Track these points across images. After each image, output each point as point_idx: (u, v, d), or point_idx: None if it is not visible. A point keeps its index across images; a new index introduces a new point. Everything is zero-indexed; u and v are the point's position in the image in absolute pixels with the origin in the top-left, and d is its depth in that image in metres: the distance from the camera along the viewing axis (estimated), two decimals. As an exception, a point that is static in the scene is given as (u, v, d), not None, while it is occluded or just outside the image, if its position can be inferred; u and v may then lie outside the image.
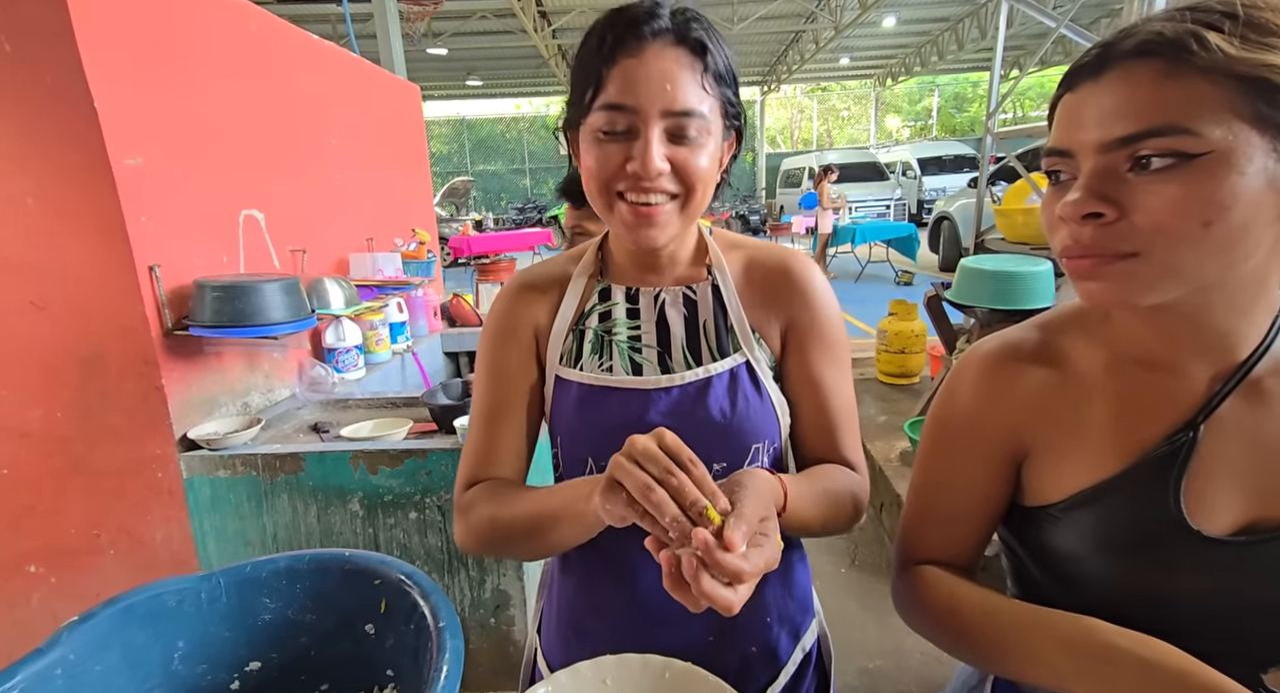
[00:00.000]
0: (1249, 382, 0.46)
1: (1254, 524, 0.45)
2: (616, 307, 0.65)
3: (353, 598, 0.43)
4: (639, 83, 0.52)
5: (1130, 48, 0.40)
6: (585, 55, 0.55)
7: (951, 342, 2.65)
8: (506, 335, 0.65)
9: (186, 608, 0.43)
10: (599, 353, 0.64)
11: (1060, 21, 2.97)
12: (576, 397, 0.62)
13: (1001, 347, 0.53)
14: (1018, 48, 12.93)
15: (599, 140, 0.55)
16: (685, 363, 0.62)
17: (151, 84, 1.39)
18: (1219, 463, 0.46)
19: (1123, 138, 0.40)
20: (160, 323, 1.39)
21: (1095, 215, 0.41)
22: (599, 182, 0.56)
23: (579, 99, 0.56)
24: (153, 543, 1.46)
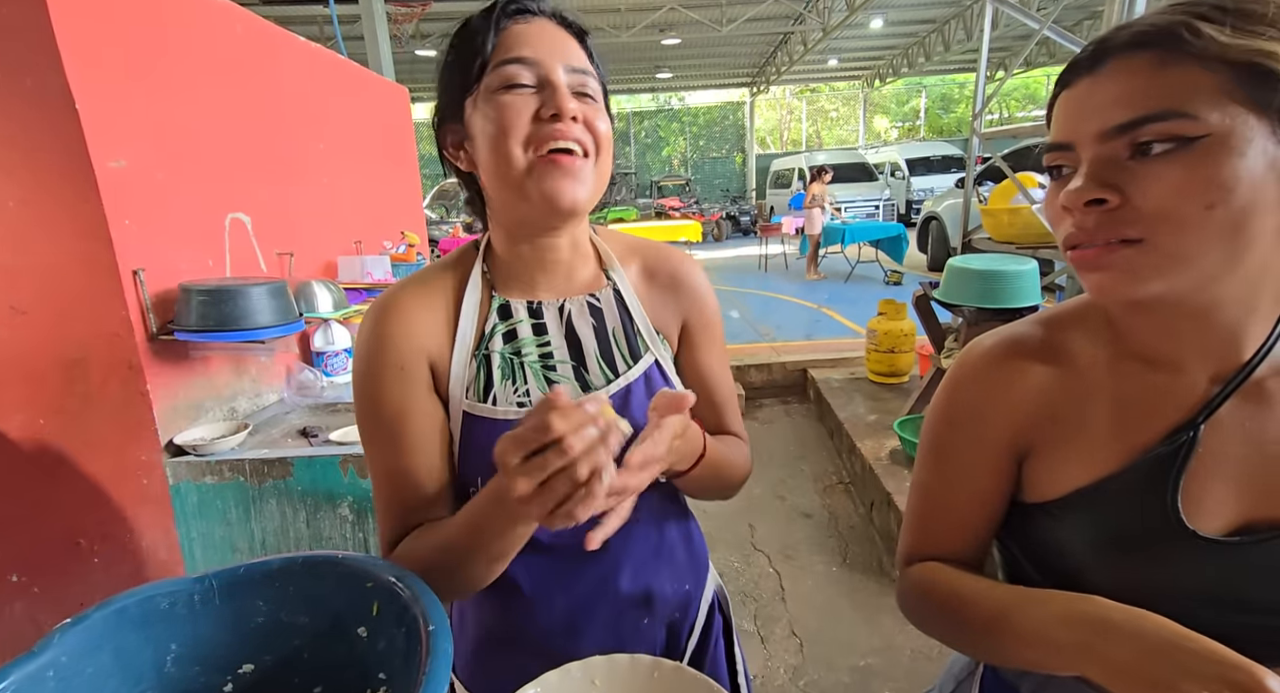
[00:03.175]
0: (1251, 382, 0.46)
1: (1250, 525, 0.45)
2: (520, 323, 0.59)
3: (345, 600, 0.43)
4: (536, 40, 0.52)
5: (1125, 40, 0.41)
6: (465, 39, 0.53)
7: (940, 341, 2.68)
8: (395, 369, 0.56)
9: (179, 610, 0.42)
10: (511, 379, 0.58)
11: (1043, 23, 3.01)
12: (492, 433, 0.55)
13: (1004, 343, 0.52)
14: (1002, 49, 13.09)
15: (503, 94, 0.51)
16: (602, 374, 0.61)
17: (135, 86, 1.38)
18: (1217, 464, 0.46)
19: (1122, 124, 0.41)
20: (145, 327, 1.38)
21: (1098, 202, 0.42)
22: (512, 135, 0.50)
23: (464, 73, 0.53)
24: (138, 551, 1.45)
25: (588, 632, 0.61)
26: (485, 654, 0.64)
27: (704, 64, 14.33)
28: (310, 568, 0.44)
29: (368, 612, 0.43)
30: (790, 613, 1.97)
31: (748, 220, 13.17)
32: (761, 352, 4.28)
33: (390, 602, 0.42)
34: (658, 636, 0.66)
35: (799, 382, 3.85)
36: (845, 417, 2.98)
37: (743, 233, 12.92)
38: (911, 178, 12.49)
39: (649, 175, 17.26)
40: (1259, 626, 0.45)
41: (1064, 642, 0.42)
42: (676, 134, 19.06)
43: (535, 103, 0.51)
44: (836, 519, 2.49)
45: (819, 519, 2.50)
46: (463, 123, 0.55)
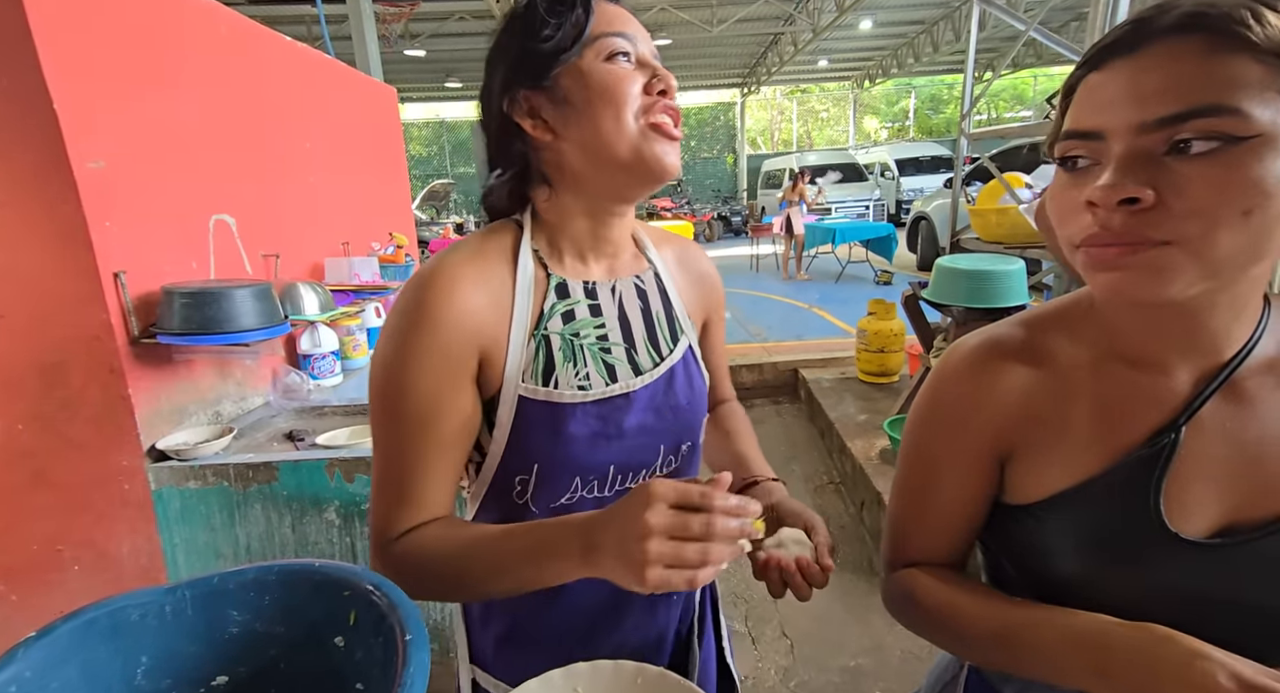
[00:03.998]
0: (1231, 383, 0.45)
1: (1230, 526, 0.45)
2: (578, 304, 0.58)
3: (322, 610, 0.43)
4: (629, 21, 0.56)
5: (1173, 22, 0.37)
6: (557, 4, 0.53)
7: (929, 340, 2.69)
8: (440, 355, 0.52)
9: (150, 622, 0.41)
10: (571, 361, 0.57)
11: (1029, 24, 3.03)
12: (553, 417, 0.55)
13: (985, 344, 0.51)
14: (990, 50, 13.20)
15: (612, 63, 0.53)
16: (649, 357, 0.61)
17: (115, 85, 1.36)
18: (1198, 465, 0.45)
19: (1165, 117, 0.37)
20: (126, 331, 1.36)
21: (1130, 201, 0.38)
22: (628, 103, 0.53)
23: (559, 37, 0.53)
24: (119, 557, 1.42)
25: (604, 631, 0.63)
26: (507, 646, 0.64)
27: (695, 64, 14.36)
28: (286, 577, 0.43)
29: (345, 621, 0.42)
30: (781, 614, 1.97)
31: (739, 221, 13.20)
32: (753, 352, 4.28)
33: (367, 611, 0.41)
34: (667, 636, 0.67)
35: (790, 382, 3.86)
36: (836, 417, 2.99)
37: (734, 233, 12.94)
38: (901, 178, 12.57)
39: (640, 176, 17.26)
40: (1245, 626, 0.45)
41: (1072, 664, 0.43)
42: (668, 134, 19.07)
43: (640, 76, 0.54)
44: (827, 519, 2.46)
45: (810, 519, 2.50)
46: (546, 89, 0.54)
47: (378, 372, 0.54)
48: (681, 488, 0.42)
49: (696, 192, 17.06)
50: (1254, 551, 0.44)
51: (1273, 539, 0.43)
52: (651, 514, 0.41)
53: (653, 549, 0.40)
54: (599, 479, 0.58)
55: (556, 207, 0.58)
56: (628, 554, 0.41)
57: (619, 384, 0.58)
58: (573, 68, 0.53)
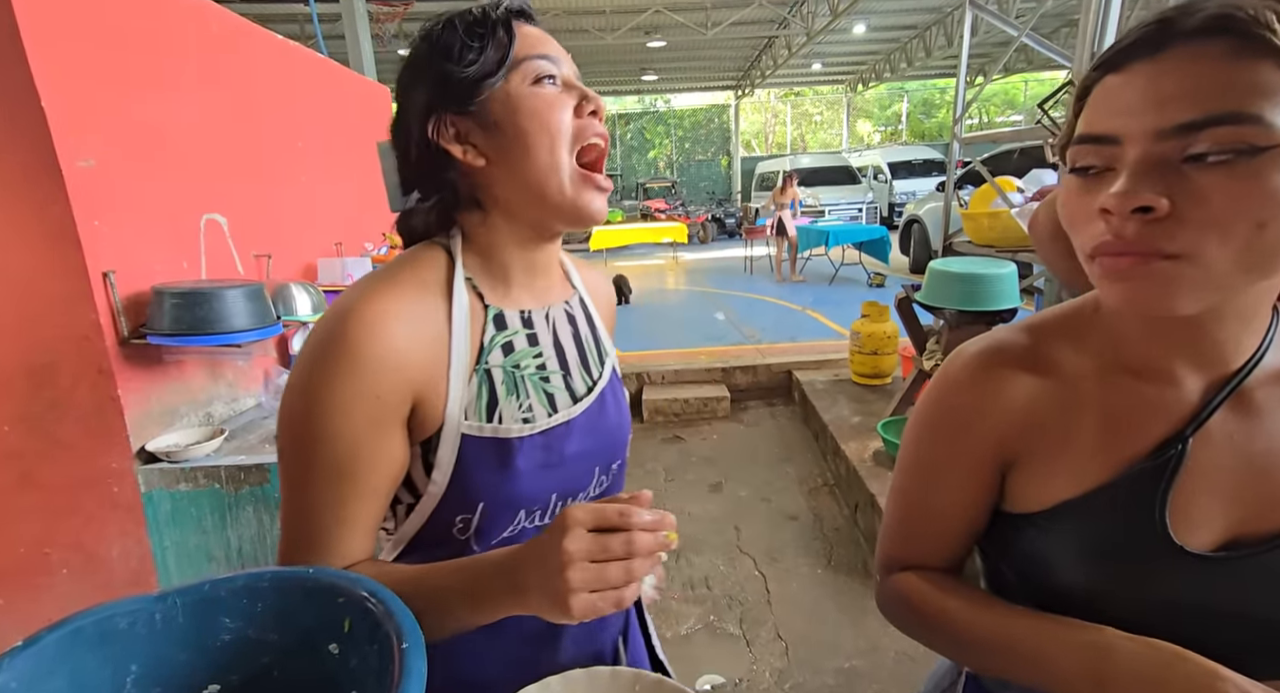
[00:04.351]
0: (1239, 394, 0.44)
1: (1236, 539, 0.44)
2: (516, 335, 0.56)
3: (316, 616, 0.42)
4: (550, 43, 0.54)
5: (1198, 23, 0.36)
6: (478, 26, 0.51)
7: (922, 343, 2.71)
8: (370, 399, 0.47)
9: (140, 630, 0.41)
10: (515, 394, 0.54)
11: (1021, 30, 3.06)
12: (500, 453, 0.53)
13: (988, 351, 0.50)
14: (982, 55, 13.31)
15: (540, 87, 0.51)
16: (584, 381, 0.61)
17: (105, 83, 1.34)
18: (1205, 477, 0.44)
19: (1184, 124, 0.35)
20: (116, 331, 1.34)
21: (1144, 209, 0.37)
22: (560, 133, 0.51)
23: (483, 60, 0.51)
24: (108, 561, 1.41)
25: (548, 655, 0.60)
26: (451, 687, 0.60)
27: (689, 67, 14.39)
28: (279, 583, 0.43)
29: (339, 628, 0.41)
30: (775, 616, 1.97)
31: (733, 223, 13.23)
32: (747, 353, 4.29)
33: (363, 618, 0.40)
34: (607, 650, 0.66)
35: (784, 383, 3.87)
36: (830, 418, 3.00)
37: (728, 235, 12.97)
38: (894, 181, 12.64)
39: (635, 177, 17.27)
40: (1251, 640, 0.44)
41: (1072, 673, 0.42)
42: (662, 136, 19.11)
43: (569, 99, 0.53)
44: (822, 521, 2.50)
45: (804, 521, 2.51)
46: (473, 114, 0.51)
47: (292, 411, 0.49)
48: (598, 510, 0.42)
49: (690, 193, 17.10)
50: (1260, 564, 0.43)
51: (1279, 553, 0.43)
52: (569, 541, 0.40)
53: (574, 578, 0.40)
54: (541, 509, 0.57)
55: (489, 231, 0.56)
56: (551, 587, 0.40)
57: (560, 413, 0.57)
58: (500, 92, 0.51)
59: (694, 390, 3.69)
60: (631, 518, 0.41)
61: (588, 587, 0.40)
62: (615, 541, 0.41)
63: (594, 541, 0.41)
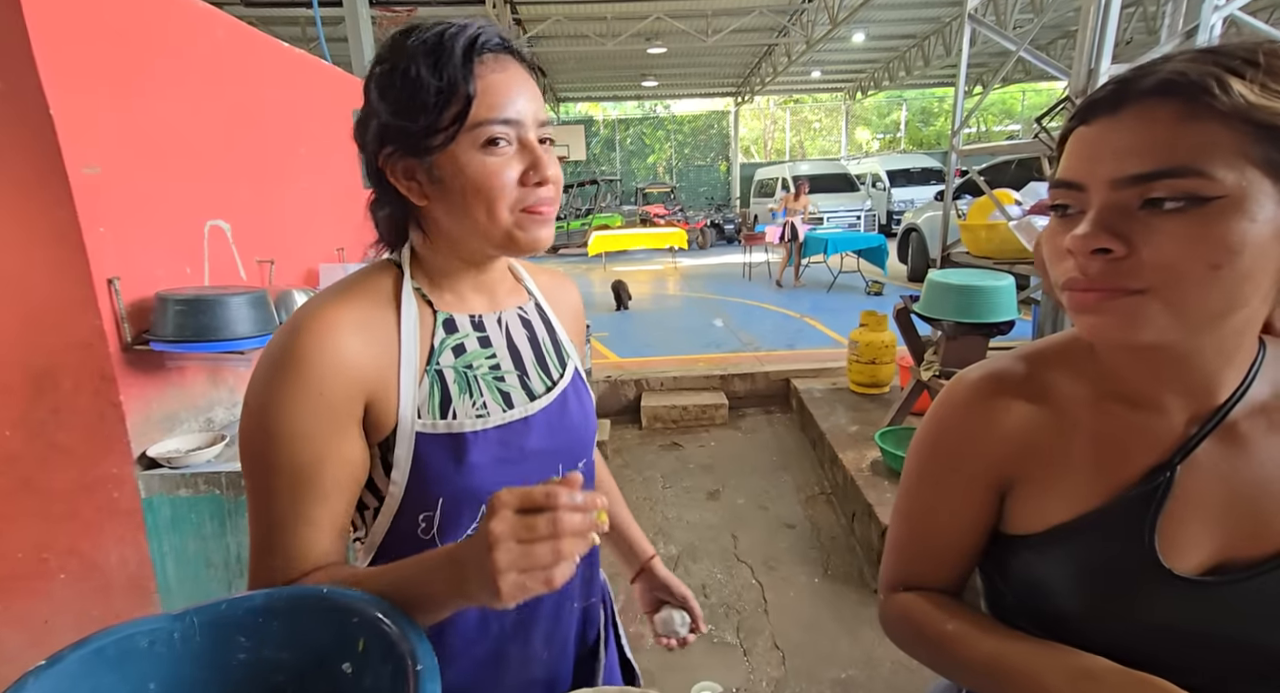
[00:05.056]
0: (1225, 424, 0.47)
1: (1223, 564, 0.46)
2: (467, 337, 0.59)
3: (330, 636, 0.43)
4: (515, 93, 0.52)
5: (1150, 86, 0.40)
6: (436, 71, 0.50)
7: (920, 353, 2.72)
8: (319, 405, 0.50)
9: (159, 649, 0.41)
10: (468, 392, 0.57)
11: (1020, 44, 3.09)
12: (455, 448, 0.55)
13: (988, 379, 0.53)
14: (980, 65, 13.40)
15: (488, 153, 0.51)
16: (542, 381, 0.63)
17: (112, 91, 1.35)
18: (1192, 504, 0.46)
19: (1137, 176, 0.40)
20: (119, 337, 1.34)
21: (1103, 250, 0.41)
22: (501, 198, 0.52)
23: (437, 114, 0.50)
24: (107, 566, 1.40)
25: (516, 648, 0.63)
26: None
27: (689, 73, 14.45)
28: (294, 603, 0.43)
29: (353, 648, 0.42)
30: (772, 625, 1.98)
31: (732, 229, 13.27)
32: (745, 361, 4.30)
33: (377, 639, 0.41)
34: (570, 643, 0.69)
35: (782, 391, 3.88)
36: (827, 427, 3.01)
37: (726, 241, 13.00)
38: (892, 189, 12.70)
39: (634, 182, 17.32)
40: (1243, 664, 0.46)
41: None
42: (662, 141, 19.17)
43: (518, 163, 0.53)
44: (819, 530, 2.50)
45: (801, 530, 2.51)
46: (422, 158, 0.52)
47: (249, 421, 0.52)
48: (523, 492, 0.42)
49: (689, 199, 17.13)
50: (1247, 589, 0.45)
51: (1265, 578, 0.45)
52: (496, 523, 0.40)
53: (501, 558, 0.40)
54: None
55: (433, 251, 0.58)
56: (481, 570, 0.41)
57: (516, 410, 0.60)
58: (449, 154, 0.51)
59: (692, 397, 3.70)
60: (557, 498, 0.41)
61: (515, 567, 0.40)
62: (541, 520, 0.41)
63: (519, 521, 0.41)
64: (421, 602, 0.46)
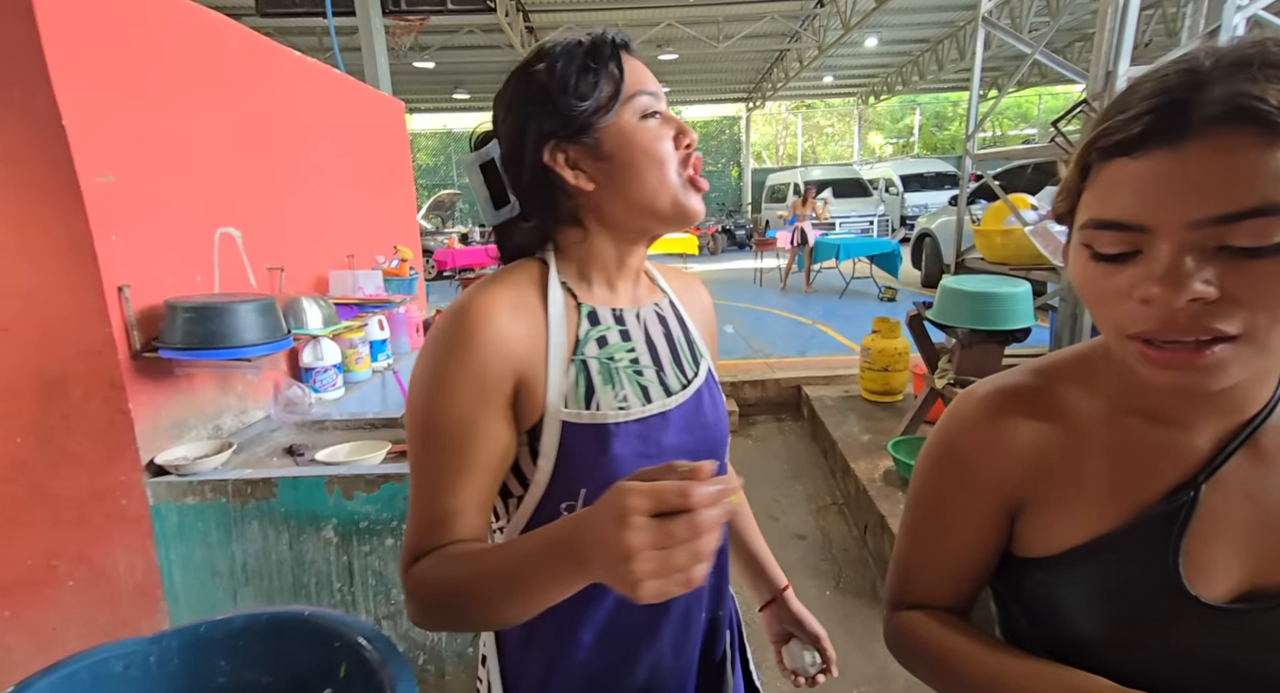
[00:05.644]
0: (1252, 442, 0.44)
1: (1253, 591, 0.43)
2: (609, 331, 0.61)
3: (311, 661, 0.41)
4: (648, 75, 0.60)
5: (1219, 114, 0.36)
6: (593, 63, 0.57)
7: (934, 360, 2.67)
8: (475, 379, 0.53)
9: (134, 673, 0.40)
10: (610, 384, 0.59)
11: (1035, 48, 3.05)
12: (599, 439, 0.57)
13: (998, 395, 0.51)
14: (995, 69, 13.29)
15: (648, 121, 0.58)
16: (677, 378, 0.64)
17: (125, 100, 1.37)
18: (1219, 525, 0.44)
19: (1223, 216, 0.36)
20: (128, 345, 1.35)
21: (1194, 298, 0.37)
22: (669, 159, 0.58)
23: (598, 96, 0.56)
24: (114, 573, 1.41)
25: (645, 650, 0.63)
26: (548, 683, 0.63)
27: (701, 79, 14.48)
28: (275, 626, 0.42)
29: (334, 673, 0.41)
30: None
31: (743, 234, 13.24)
32: (756, 367, 4.27)
33: (359, 664, 0.40)
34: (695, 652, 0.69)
35: (793, 399, 3.84)
36: (839, 436, 2.96)
37: (738, 246, 12.97)
38: (905, 193, 12.60)
39: (646, 188, 17.38)
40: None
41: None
42: (673, 147, 19.23)
43: (669, 131, 0.59)
44: (830, 541, 2.46)
45: (813, 541, 2.47)
46: (587, 142, 0.57)
47: (414, 395, 0.55)
48: (656, 493, 0.39)
49: (701, 204, 17.11)
50: (1276, 618, 0.42)
51: None
52: (631, 535, 0.38)
53: (639, 569, 0.38)
54: None
55: (587, 245, 0.61)
56: (616, 575, 0.39)
57: (654, 404, 0.61)
58: (613, 127, 0.57)
59: (702, 404, 3.67)
60: (693, 497, 0.38)
61: (655, 577, 0.38)
62: (679, 526, 0.38)
63: (657, 529, 0.38)
64: (553, 579, 0.45)
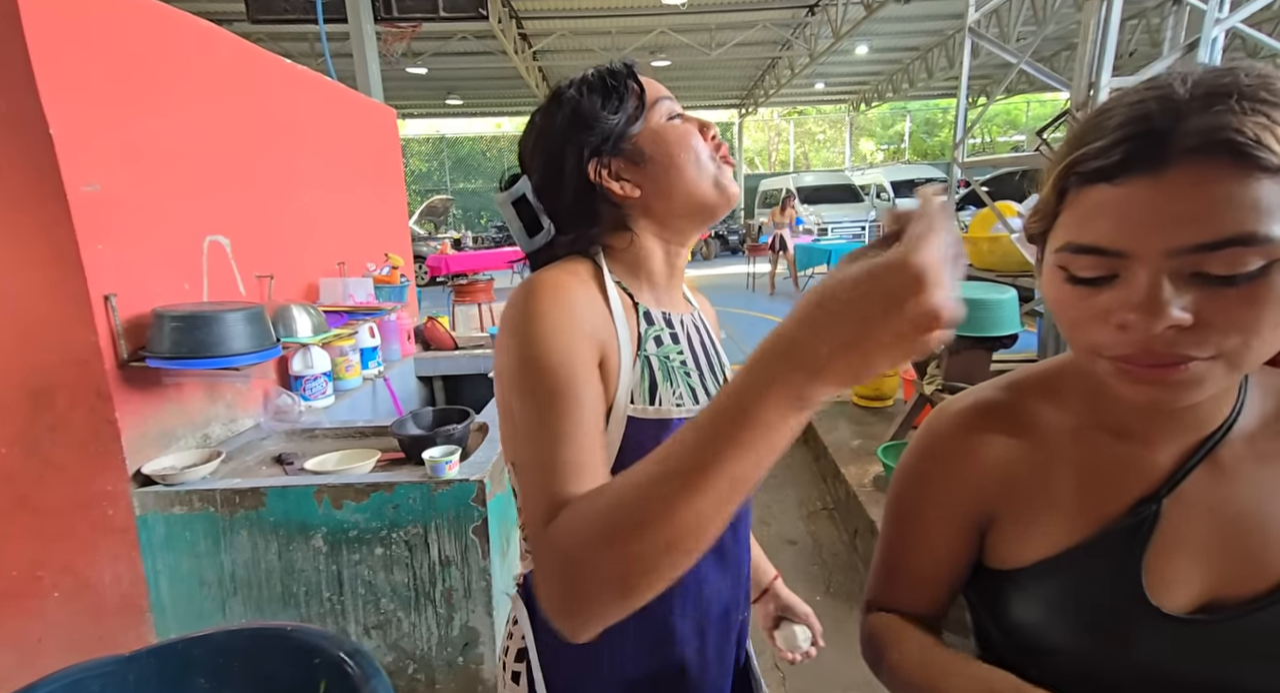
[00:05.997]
0: (1212, 457, 0.46)
1: (1212, 603, 0.44)
2: (662, 332, 0.64)
3: (292, 677, 0.41)
4: (660, 85, 0.66)
5: (1197, 145, 0.36)
6: (617, 86, 0.63)
7: (923, 367, 2.70)
8: (584, 335, 0.53)
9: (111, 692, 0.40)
10: (669, 381, 0.61)
11: (1020, 57, 3.09)
12: (661, 434, 0.57)
13: (970, 411, 0.52)
14: (984, 77, 13.43)
15: (676, 121, 0.64)
16: (715, 384, 0.68)
17: (113, 108, 1.36)
18: (1181, 539, 0.45)
19: (1201, 245, 0.37)
20: (115, 354, 1.35)
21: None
22: (703, 151, 0.63)
23: (629, 111, 0.62)
24: (100, 584, 1.40)
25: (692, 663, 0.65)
26: None
27: (694, 86, 14.56)
28: (256, 641, 0.42)
29: (315, 690, 0.41)
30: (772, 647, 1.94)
31: (736, 239, 13.29)
32: (748, 373, 4.27)
33: (340, 681, 0.40)
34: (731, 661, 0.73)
35: (785, 404, 3.85)
36: (830, 441, 2.98)
37: (731, 252, 13.02)
38: (897, 200, 12.70)
39: (639, 193, 17.42)
40: None
41: None
42: (666, 153, 19.30)
43: (693, 127, 0.65)
44: (820, 547, 2.47)
45: (803, 546, 2.48)
46: (626, 153, 0.62)
47: (517, 349, 0.52)
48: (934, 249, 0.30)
49: (694, 210, 17.15)
50: (1239, 628, 0.43)
51: (1258, 617, 0.43)
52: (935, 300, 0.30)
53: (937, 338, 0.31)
54: None
55: (636, 248, 0.64)
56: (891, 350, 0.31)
57: (703, 404, 0.63)
58: (646, 132, 0.62)
59: (694, 410, 3.68)
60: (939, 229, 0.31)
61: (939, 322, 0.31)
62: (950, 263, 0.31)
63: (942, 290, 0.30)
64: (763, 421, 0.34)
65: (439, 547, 1.41)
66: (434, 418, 1.67)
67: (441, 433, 1.52)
